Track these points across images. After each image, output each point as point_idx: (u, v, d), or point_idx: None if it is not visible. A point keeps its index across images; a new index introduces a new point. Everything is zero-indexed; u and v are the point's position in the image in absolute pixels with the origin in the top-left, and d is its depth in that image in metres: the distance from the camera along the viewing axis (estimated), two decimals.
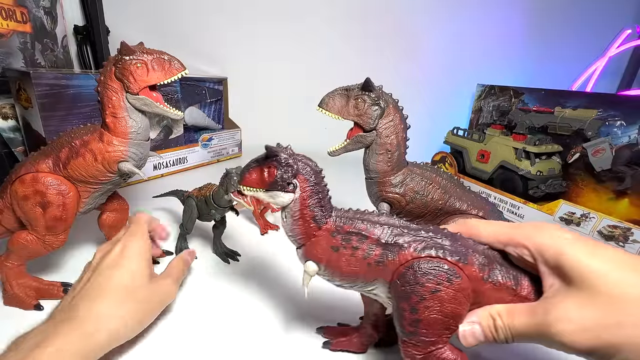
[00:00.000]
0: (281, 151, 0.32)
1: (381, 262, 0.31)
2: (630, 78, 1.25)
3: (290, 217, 0.33)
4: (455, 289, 0.29)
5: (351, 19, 1.28)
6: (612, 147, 0.75)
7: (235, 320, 0.46)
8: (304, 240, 0.34)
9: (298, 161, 0.33)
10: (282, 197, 0.32)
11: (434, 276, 0.29)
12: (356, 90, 0.45)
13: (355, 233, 0.32)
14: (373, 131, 0.45)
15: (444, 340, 0.30)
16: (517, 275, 0.30)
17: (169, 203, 0.75)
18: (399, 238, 0.31)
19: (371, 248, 0.31)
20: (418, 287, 0.29)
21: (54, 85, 0.69)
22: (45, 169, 0.42)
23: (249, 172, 0.33)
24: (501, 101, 1.02)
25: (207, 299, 0.50)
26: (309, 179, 0.32)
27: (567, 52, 1.30)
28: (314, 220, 0.33)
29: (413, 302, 0.29)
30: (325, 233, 0.33)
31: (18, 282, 0.45)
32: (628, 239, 0.62)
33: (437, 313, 0.29)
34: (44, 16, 0.88)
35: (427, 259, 0.30)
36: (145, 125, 0.45)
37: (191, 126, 1.06)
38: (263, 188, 0.33)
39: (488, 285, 0.29)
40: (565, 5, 1.25)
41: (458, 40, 1.29)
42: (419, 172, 0.47)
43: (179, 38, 1.24)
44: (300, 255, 0.35)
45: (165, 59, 0.42)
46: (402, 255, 0.31)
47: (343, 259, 0.32)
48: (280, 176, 0.32)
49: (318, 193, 0.33)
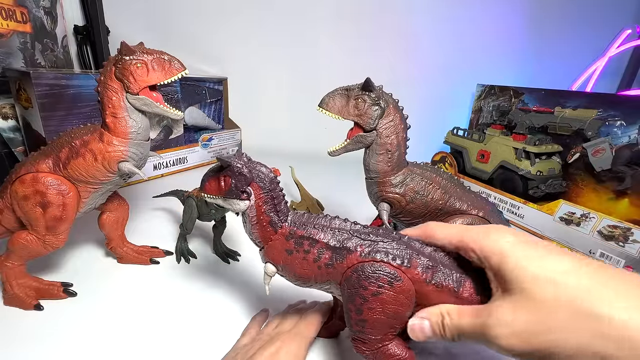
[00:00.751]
0: (235, 161, 0.33)
1: (330, 265, 0.33)
2: (630, 78, 1.25)
3: (249, 222, 0.35)
4: (396, 291, 0.30)
5: (351, 19, 1.28)
6: (612, 147, 0.75)
7: (234, 320, 0.46)
8: (262, 243, 0.36)
9: (252, 169, 0.34)
10: (238, 205, 0.34)
11: (376, 279, 0.30)
12: (356, 90, 0.44)
13: (306, 237, 0.34)
14: (373, 131, 0.45)
15: (390, 338, 0.32)
16: (460, 278, 0.31)
17: (169, 203, 0.75)
18: (347, 242, 0.32)
19: (321, 252, 0.33)
20: (361, 290, 0.31)
21: (54, 85, 0.69)
22: (45, 169, 0.42)
23: (207, 181, 0.35)
24: (501, 101, 1.02)
25: (207, 298, 0.50)
26: (263, 186, 0.34)
27: (567, 52, 1.30)
28: (270, 224, 0.35)
29: (357, 303, 0.31)
30: (280, 237, 0.35)
31: (18, 282, 0.45)
32: (628, 239, 0.62)
33: (380, 314, 0.30)
34: (44, 16, 0.88)
35: (371, 263, 0.31)
36: (145, 125, 0.45)
37: (191, 126, 1.06)
38: (221, 196, 0.35)
39: (431, 287, 0.30)
40: (565, 5, 1.25)
41: (458, 40, 1.29)
42: (419, 172, 0.47)
43: (179, 38, 1.24)
44: (262, 257, 0.37)
45: (165, 59, 0.42)
46: (349, 258, 0.32)
47: (296, 262, 0.34)
48: (234, 185, 0.33)
49: (273, 199, 0.34)
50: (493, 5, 1.25)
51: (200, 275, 0.55)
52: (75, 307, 0.46)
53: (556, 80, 1.21)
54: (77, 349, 0.40)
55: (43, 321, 0.43)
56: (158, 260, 0.57)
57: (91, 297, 0.48)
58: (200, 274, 0.55)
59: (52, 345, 0.40)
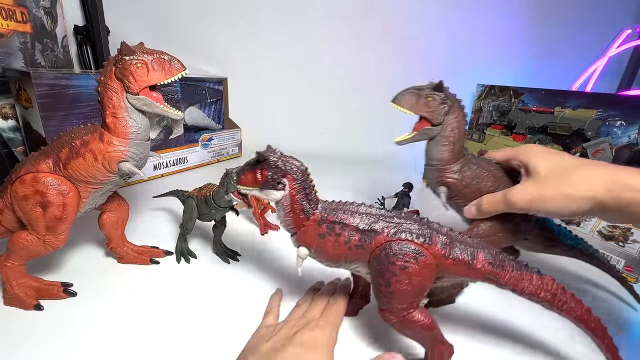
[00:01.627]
0: (270, 155, 0.37)
1: (360, 246, 0.37)
2: (630, 78, 1.25)
3: (282, 210, 0.39)
4: (420, 265, 0.35)
5: (351, 19, 1.28)
6: (612, 147, 0.75)
7: (234, 319, 0.46)
8: (295, 229, 0.39)
9: (286, 162, 0.37)
10: (274, 194, 0.38)
11: (403, 255, 0.35)
12: (427, 90, 0.52)
13: (337, 222, 0.38)
14: (439, 125, 0.52)
15: (414, 307, 0.36)
16: (474, 252, 0.36)
17: (169, 203, 0.75)
18: (374, 225, 0.37)
19: (351, 234, 0.37)
20: (390, 265, 0.35)
21: (54, 85, 0.69)
22: (45, 169, 0.42)
23: (244, 174, 0.39)
24: (501, 101, 1.02)
25: (207, 298, 0.50)
26: (296, 177, 0.37)
27: (567, 52, 1.30)
28: (303, 212, 0.38)
29: (386, 277, 0.35)
30: (312, 223, 0.38)
31: (18, 282, 0.45)
32: (628, 239, 0.62)
33: (406, 285, 0.35)
34: (44, 16, 0.88)
35: (397, 241, 0.36)
36: (145, 125, 0.45)
37: (191, 126, 1.06)
38: (257, 187, 0.38)
39: (449, 261, 0.36)
40: (565, 5, 1.25)
41: (458, 40, 1.29)
42: (474, 162, 0.53)
43: (179, 38, 1.24)
44: (294, 241, 0.41)
45: (166, 59, 0.42)
46: (377, 239, 0.36)
47: (329, 244, 0.38)
48: (271, 177, 0.37)
49: (305, 189, 0.38)
50: (493, 5, 1.25)
51: (200, 275, 0.55)
52: (75, 307, 0.46)
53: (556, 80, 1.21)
54: (77, 349, 0.40)
55: (43, 321, 0.43)
56: (158, 260, 0.57)
57: (91, 297, 0.48)
58: (201, 274, 0.55)
59: (52, 345, 0.40)
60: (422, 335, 0.37)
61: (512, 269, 0.36)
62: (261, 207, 0.69)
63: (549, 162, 0.42)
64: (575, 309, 0.37)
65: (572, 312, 0.37)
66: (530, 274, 0.37)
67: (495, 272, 0.36)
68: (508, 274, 0.36)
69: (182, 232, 0.59)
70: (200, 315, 0.46)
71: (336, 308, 0.44)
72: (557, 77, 1.23)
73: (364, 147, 1.34)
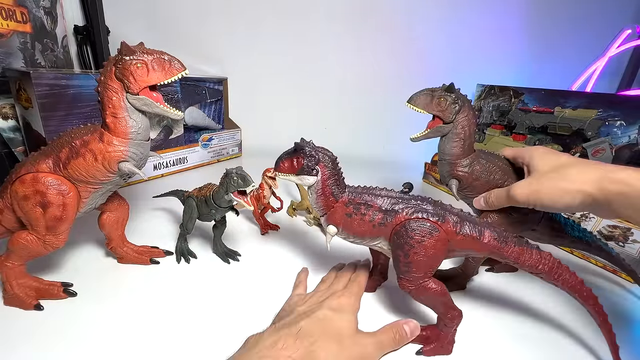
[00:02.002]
0: (306, 145, 0.43)
1: (382, 224, 0.42)
2: (630, 78, 1.25)
3: (315, 193, 0.44)
4: (435, 239, 0.40)
5: (351, 19, 1.28)
6: (612, 147, 0.75)
7: (234, 319, 0.46)
8: (325, 210, 0.45)
9: (319, 152, 0.43)
10: (307, 179, 0.44)
11: (420, 231, 0.40)
12: (439, 91, 0.56)
13: (363, 203, 0.43)
14: (451, 123, 0.56)
15: (428, 276, 0.41)
16: (481, 229, 0.42)
17: (169, 203, 0.75)
18: (395, 205, 0.42)
19: (375, 214, 0.43)
20: (409, 239, 0.40)
21: (54, 85, 0.69)
22: (45, 169, 0.42)
23: (282, 162, 0.45)
24: (501, 101, 1.02)
25: (207, 298, 0.50)
26: (327, 165, 0.43)
27: (567, 52, 1.30)
28: (332, 195, 0.44)
29: (405, 250, 0.41)
30: (341, 205, 0.44)
31: (18, 282, 0.45)
32: (628, 239, 0.62)
33: (423, 257, 0.40)
34: (44, 16, 0.88)
35: (415, 220, 0.41)
36: (145, 125, 0.45)
37: (191, 126, 1.06)
38: (293, 173, 0.44)
39: (459, 237, 0.41)
40: (565, 5, 1.25)
41: (458, 40, 1.29)
42: (484, 156, 0.58)
43: (179, 38, 1.24)
44: (324, 221, 0.46)
45: (166, 59, 0.42)
46: (397, 217, 0.42)
47: (355, 223, 0.44)
48: (306, 164, 0.43)
49: (334, 175, 0.44)
50: (493, 5, 1.25)
51: (200, 275, 0.55)
52: (75, 307, 0.46)
53: (556, 80, 1.21)
54: (77, 349, 0.40)
55: (43, 321, 0.43)
56: (158, 260, 0.57)
57: (91, 297, 0.48)
58: (201, 274, 0.55)
59: (52, 345, 0.40)
60: (435, 301, 0.42)
61: (514, 245, 0.42)
62: (261, 207, 0.69)
63: (547, 160, 0.46)
64: (570, 280, 0.42)
65: (567, 283, 0.42)
66: (530, 249, 0.42)
67: (500, 246, 0.42)
68: (511, 249, 0.42)
69: (182, 232, 0.59)
70: (200, 315, 0.46)
71: (358, 282, 0.50)
72: (557, 77, 1.23)
73: (364, 148, 1.34)
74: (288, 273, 0.56)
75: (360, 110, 1.38)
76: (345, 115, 1.38)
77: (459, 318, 0.42)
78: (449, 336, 0.43)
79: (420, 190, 0.99)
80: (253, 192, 0.73)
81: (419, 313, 0.49)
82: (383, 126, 1.37)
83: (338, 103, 1.38)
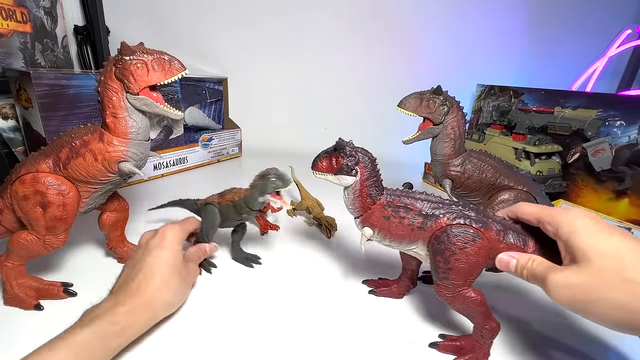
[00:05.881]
0: (346, 145, 0.43)
1: (422, 228, 0.41)
2: (630, 78, 1.25)
3: (352, 194, 0.43)
4: (477, 247, 0.38)
5: (351, 19, 1.28)
6: (612, 147, 0.75)
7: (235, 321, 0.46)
8: (361, 212, 0.44)
9: (359, 152, 0.43)
10: (346, 179, 0.43)
11: (462, 237, 0.38)
12: (428, 94, 0.57)
13: (402, 206, 0.42)
14: (440, 124, 0.57)
15: (468, 284, 0.39)
16: (525, 239, 0.39)
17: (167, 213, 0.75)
18: (435, 210, 0.40)
19: (414, 217, 0.41)
20: (450, 245, 0.39)
21: (54, 85, 0.69)
22: (45, 169, 0.42)
23: (320, 161, 0.44)
24: (501, 101, 1.02)
25: (205, 297, 0.50)
26: (366, 166, 0.42)
27: (567, 52, 1.30)
28: (370, 196, 0.43)
29: (446, 255, 0.39)
30: (378, 207, 0.43)
31: (18, 282, 0.45)
32: None
33: (464, 264, 0.38)
34: (44, 16, 0.88)
35: (457, 225, 0.39)
36: (145, 125, 0.45)
37: (191, 126, 1.06)
38: (332, 173, 0.43)
39: (502, 245, 0.39)
40: (565, 5, 1.25)
41: (458, 40, 1.29)
42: (475, 155, 0.59)
43: (179, 38, 1.24)
44: (358, 223, 0.45)
45: (166, 59, 0.42)
46: (438, 222, 0.40)
47: (393, 226, 0.42)
48: (346, 164, 0.42)
49: (373, 177, 0.43)
50: (493, 5, 1.25)
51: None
52: (75, 307, 0.46)
53: (556, 80, 1.21)
54: None
55: (43, 321, 0.43)
56: None
57: (91, 297, 0.48)
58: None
59: None
60: (473, 310, 0.40)
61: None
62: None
63: (604, 245, 0.31)
64: None
65: None
66: None
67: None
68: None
69: (199, 240, 0.56)
70: (199, 314, 0.46)
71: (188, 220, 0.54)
72: (557, 77, 1.23)
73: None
74: (288, 273, 0.56)
75: (360, 110, 1.38)
76: (345, 115, 1.38)
77: (497, 330, 0.40)
78: (485, 348, 0.41)
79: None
80: None
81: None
82: (383, 126, 1.37)
83: (338, 103, 1.38)
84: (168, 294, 0.43)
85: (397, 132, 0.58)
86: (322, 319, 0.47)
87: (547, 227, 0.36)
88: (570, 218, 0.34)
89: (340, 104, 1.38)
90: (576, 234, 0.32)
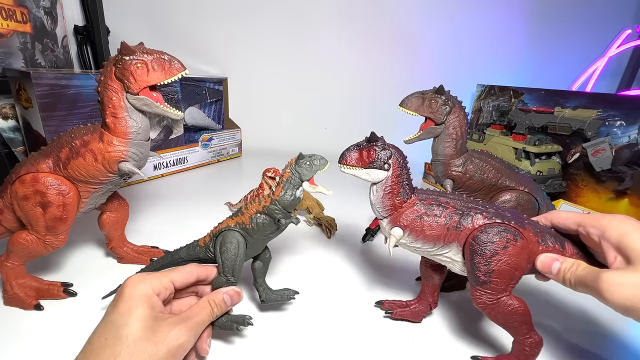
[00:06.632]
0: (380, 139, 0.40)
1: (458, 227, 0.39)
2: (630, 78, 1.25)
3: (382, 191, 0.40)
4: (520, 246, 0.36)
5: (351, 20, 1.28)
6: (612, 147, 0.75)
7: None
8: (390, 211, 0.41)
9: (391, 147, 0.41)
10: (377, 174, 0.40)
11: (504, 236, 0.37)
12: (430, 93, 0.57)
13: (437, 205, 0.40)
14: (442, 124, 0.56)
15: (510, 290, 0.37)
16: (563, 242, 0.38)
17: (168, 202, 0.75)
18: (471, 210, 0.39)
19: (450, 216, 0.39)
20: (491, 245, 0.36)
21: (54, 85, 0.69)
22: (45, 169, 0.42)
23: (349, 153, 0.41)
24: (501, 101, 1.02)
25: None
26: (399, 162, 0.40)
27: (567, 52, 1.30)
28: (400, 195, 0.40)
29: (487, 256, 0.36)
30: (410, 205, 0.40)
31: (18, 282, 0.45)
32: None
33: (506, 264, 0.36)
34: (44, 16, 0.88)
35: (496, 224, 0.37)
36: (145, 125, 0.45)
37: (191, 126, 1.06)
38: (362, 166, 0.40)
39: (542, 247, 0.37)
40: (565, 5, 1.25)
41: (458, 40, 1.29)
42: (477, 156, 0.58)
43: (179, 38, 1.24)
44: (385, 224, 0.42)
45: (166, 59, 0.42)
46: (475, 221, 0.38)
47: (426, 225, 0.39)
48: (379, 157, 0.40)
49: (405, 174, 0.41)
50: (493, 5, 1.25)
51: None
52: (75, 307, 0.46)
53: (556, 80, 1.21)
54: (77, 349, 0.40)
55: (43, 321, 0.43)
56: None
57: (91, 297, 0.48)
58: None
59: (52, 345, 0.40)
60: (514, 321, 0.37)
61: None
62: None
63: None
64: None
65: None
66: None
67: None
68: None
69: (219, 287, 0.41)
70: None
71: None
72: (557, 77, 1.23)
73: None
74: (288, 273, 0.56)
75: (360, 110, 1.38)
76: (345, 115, 1.38)
77: (540, 345, 0.37)
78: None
79: None
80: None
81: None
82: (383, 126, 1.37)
83: (338, 103, 1.38)
84: None
85: (397, 132, 0.57)
86: (324, 325, 0.46)
87: (591, 230, 0.35)
88: (617, 221, 0.34)
89: (340, 104, 1.38)
90: (628, 236, 0.32)
